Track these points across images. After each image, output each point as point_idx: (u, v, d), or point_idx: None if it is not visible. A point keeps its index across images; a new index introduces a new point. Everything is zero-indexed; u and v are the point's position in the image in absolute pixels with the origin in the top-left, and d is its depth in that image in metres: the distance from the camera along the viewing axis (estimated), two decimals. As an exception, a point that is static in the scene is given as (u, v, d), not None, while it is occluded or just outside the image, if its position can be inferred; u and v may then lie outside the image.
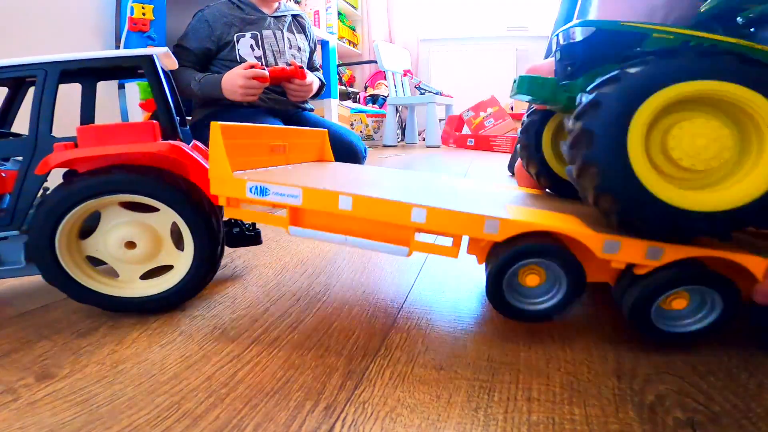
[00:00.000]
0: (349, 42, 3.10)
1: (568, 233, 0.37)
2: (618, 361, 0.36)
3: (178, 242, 0.46)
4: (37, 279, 0.55)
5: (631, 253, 0.36)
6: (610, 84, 0.33)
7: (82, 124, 0.54)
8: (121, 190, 0.42)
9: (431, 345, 0.39)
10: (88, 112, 0.55)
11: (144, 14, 1.08)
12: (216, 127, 0.40)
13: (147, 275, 0.46)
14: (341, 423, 0.29)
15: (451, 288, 0.52)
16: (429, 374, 0.35)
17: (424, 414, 0.30)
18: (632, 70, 0.33)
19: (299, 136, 0.57)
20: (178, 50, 1.22)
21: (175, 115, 0.47)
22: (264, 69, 1.18)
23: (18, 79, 0.51)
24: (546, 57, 1.17)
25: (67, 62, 0.44)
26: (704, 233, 0.34)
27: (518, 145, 0.55)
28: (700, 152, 0.33)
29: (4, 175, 0.47)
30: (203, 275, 0.45)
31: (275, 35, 1.33)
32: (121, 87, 1.11)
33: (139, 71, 0.49)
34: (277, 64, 1.31)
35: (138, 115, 1.11)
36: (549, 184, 0.55)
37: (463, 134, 2.62)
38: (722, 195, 0.33)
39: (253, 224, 0.58)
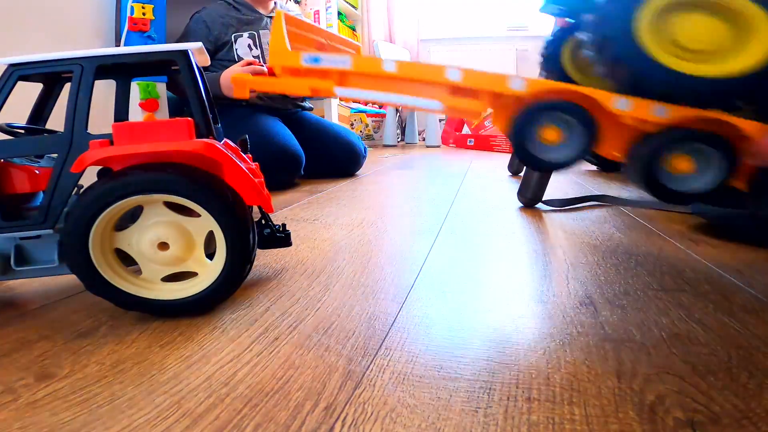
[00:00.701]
0: (349, 42, 3.10)
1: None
2: (618, 361, 0.36)
3: (208, 251, 0.45)
4: (37, 279, 0.55)
5: None
6: None
7: (116, 121, 0.53)
8: (172, 192, 0.41)
9: (431, 345, 0.39)
10: (122, 109, 0.54)
11: (144, 14, 1.08)
12: (279, 14, 0.49)
13: (168, 279, 0.45)
14: (341, 423, 0.29)
15: (451, 288, 0.52)
16: (429, 374, 0.35)
17: (424, 414, 0.30)
18: None
19: (340, 42, 0.66)
20: None
21: (209, 112, 0.46)
22: (262, 65, 1.18)
23: (52, 75, 0.50)
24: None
25: (104, 57, 0.43)
26: None
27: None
28: None
29: (37, 172, 0.46)
30: (226, 290, 0.45)
31: (274, 35, 1.33)
32: (121, 87, 1.10)
33: (173, 67, 0.49)
34: (276, 63, 1.31)
35: (138, 115, 1.11)
36: None
37: (463, 134, 2.61)
38: None
39: (284, 225, 0.58)
